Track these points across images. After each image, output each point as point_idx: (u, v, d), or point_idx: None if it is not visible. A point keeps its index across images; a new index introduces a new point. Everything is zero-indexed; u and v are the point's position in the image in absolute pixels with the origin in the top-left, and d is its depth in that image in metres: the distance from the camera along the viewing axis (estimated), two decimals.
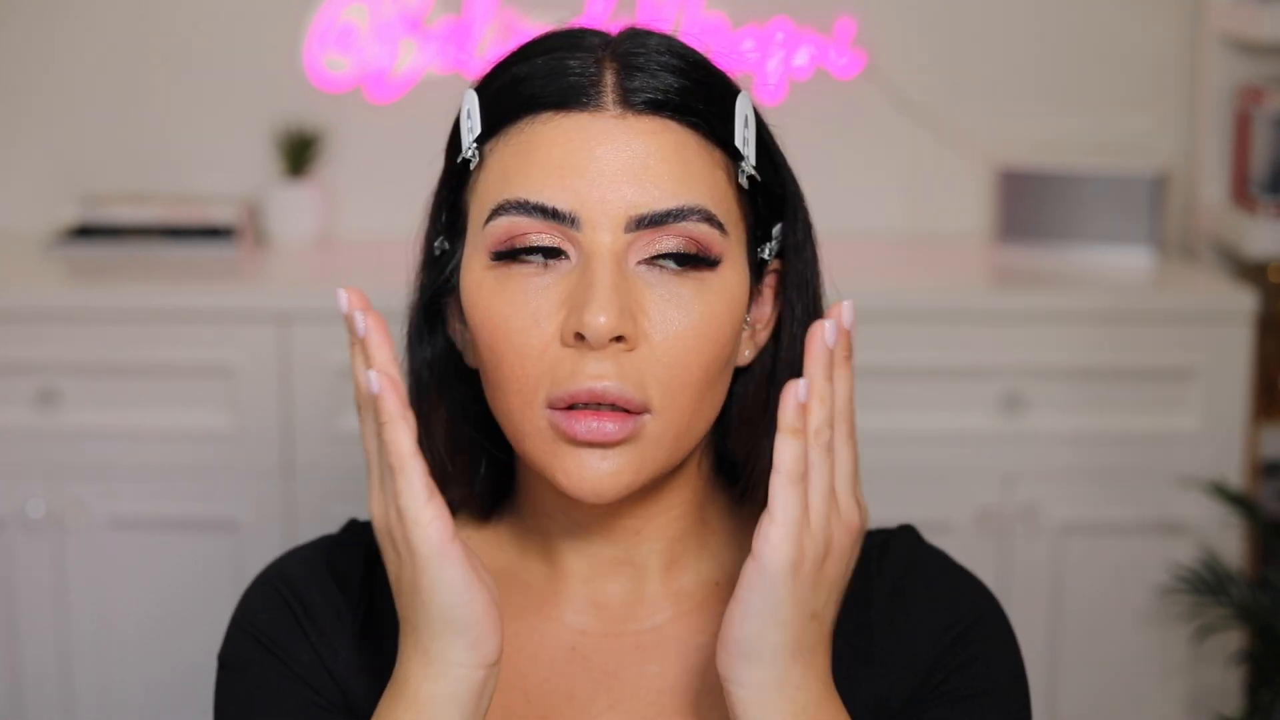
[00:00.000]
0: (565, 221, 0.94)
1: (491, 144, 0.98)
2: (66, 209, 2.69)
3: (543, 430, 0.96)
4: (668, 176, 0.95)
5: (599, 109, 0.96)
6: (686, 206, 0.95)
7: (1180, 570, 2.30)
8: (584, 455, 0.95)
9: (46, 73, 2.76)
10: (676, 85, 0.97)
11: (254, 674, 1.05)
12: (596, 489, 0.96)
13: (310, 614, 1.06)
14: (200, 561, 2.38)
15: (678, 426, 0.97)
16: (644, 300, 0.95)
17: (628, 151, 0.95)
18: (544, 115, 0.96)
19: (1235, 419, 2.36)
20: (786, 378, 1.04)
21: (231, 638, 1.08)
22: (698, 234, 0.96)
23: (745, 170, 0.99)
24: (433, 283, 1.04)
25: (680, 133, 0.97)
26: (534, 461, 0.98)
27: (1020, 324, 2.36)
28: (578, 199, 0.94)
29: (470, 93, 1.01)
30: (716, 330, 0.97)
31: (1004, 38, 2.76)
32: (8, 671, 2.41)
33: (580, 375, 0.94)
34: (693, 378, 0.96)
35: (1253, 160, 2.52)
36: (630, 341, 0.94)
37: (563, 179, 0.95)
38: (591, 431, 0.94)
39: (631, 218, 0.94)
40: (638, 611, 1.05)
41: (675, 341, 0.95)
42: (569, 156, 0.95)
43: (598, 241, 0.94)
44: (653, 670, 1.04)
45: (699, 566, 1.07)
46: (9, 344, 2.37)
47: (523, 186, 0.95)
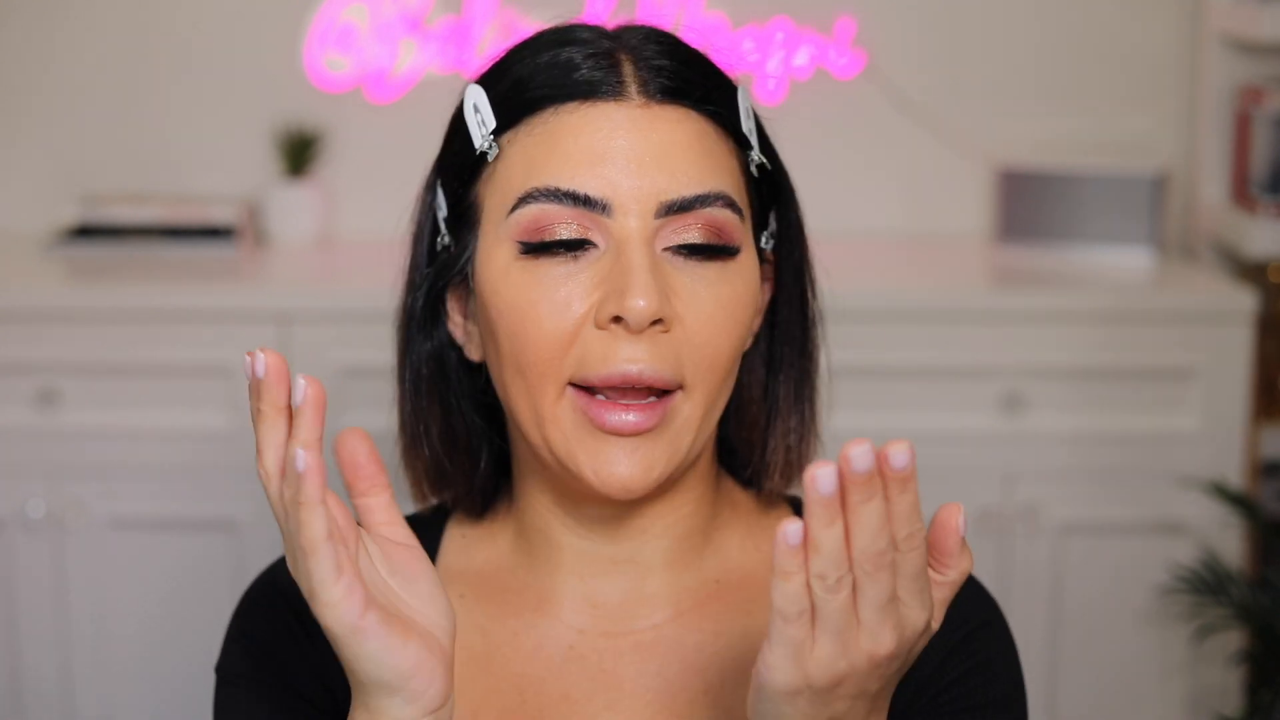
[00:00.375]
0: (596, 208, 0.95)
1: (510, 135, 0.99)
2: (66, 209, 2.69)
3: (567, 416, 0.96)
4: (692, 164, 0.97)
5: (623, 98, 0.97)
6: (711, 192, 0.97)
7: (1180, 570, 2.30)
8: (613, 450, 0.96)
9: (46, 73, 2.76)
10: (690, 74, 0.99)
11: (251, 687, 1.06)
12: (627, 485, 0.96)
13: (303, 621, 1.05)
14: (200, 561, 2.38)
15: (706, 405, 0.98)
16: (674, 283, 0.96)
17: (655, 138, 0.96)
18: (569, 105, 0.97)
19: (1235, 419, 2.36)
20: (785, 364, 1.07)
21: (228, 650, 1.08)
22: (721, 219, 0.97)
23: (755, 159, 1.01)
24: (436, 277, 1.04)
25: (699, 121, 0.98)
26: (557, 452, 0.97)
27: (1020, 324, 2.36)
28: (609, 185, 0.95)
29: (475, 87, 1.01)
30: (741, 311, 0.99)
31: (1004, 38, 2.76)
32: (8, 671, 2.41)
33: (613, 358, 0.94)
34: (723, 357, 0.98)
35: (1253, 160, 2.52)
36: (666, 324, 0.95)
37: (593, 166, 0.96)
38: (623, 424, 0.95)
39: (662, 203, 0.96)
40: (637, 611, 1.05)
41: (706, 322, 0.97)
42: (597, 144, 0.96)
43: (629, 227, 0.95)
44: (652, 670, 1.04)
45: (701, 565, 1.07)
46: (9, 344, 2.37)
47: (551, 174, 0.96)
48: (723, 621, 1.05)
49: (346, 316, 2.33)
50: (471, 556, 1.09)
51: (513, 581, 1.07)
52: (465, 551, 1.10)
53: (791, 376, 1.07)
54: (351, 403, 2.33)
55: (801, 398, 1.07)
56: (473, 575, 1.08)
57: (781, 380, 1.07)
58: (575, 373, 0.95)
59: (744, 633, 1.05)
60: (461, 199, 1.02)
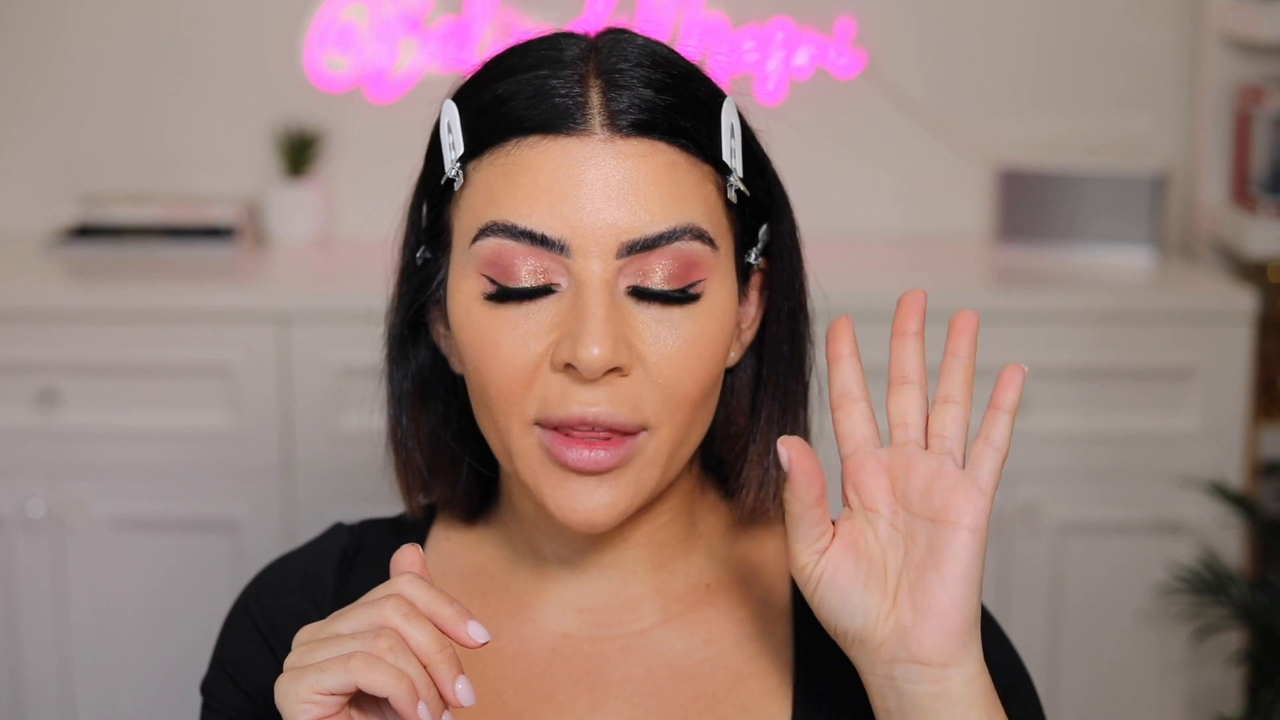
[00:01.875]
0: (554, 249, 0.93)
1: (475, 164, 0.96)
2: (66, 209, 2.69)
3: (533, 449, 0.95)
4: (658, 198, 0.93)
5: (586, 133, 0.93)
6: (678, 227, 0.94)
7: (1180, 570, 2.30)
8: (576, 486, 0.94)
9: (46, 73, 2.76)
10: (663, 103, 0.95)
11: (225, 710, 1.08)
12: (590, 520, 0.95)
13: (277, 631, 1.06)
14: (200, 561, 2.38)
15: (674, 441, 0.96)
16: (635, 323, 0.94)
17: (617, 175, 0.93)
18: (530, 139, 0.94)
19: (1235, 419, 2.36)
20: (770, 384, 1.04)
21: (210, 668, 1.10)
22: (689, 253, 0.94)
23: (733, 185, 0.98)
24: (416, 292, 1.03)
25: (669, 153, 0.94)
26: (524, 482, 0.97)
27: (1020, 324, 2.36)
28: (567, 226, 0.93)
29: (450, 104, 0.99)
30: (708, 348, 0.96)
31: (1004, 38, 2.76)
32: (8, 671, 2.41)
33: (572, 401, 0.93)
34: (689, 395, 0.96)
35: (1253, 160, 2.52)
36: (625, 369, 0.93)
37: (551, 205, 0.93)
38: (584, 460, 0.93)
39: (623, 243, 0.93)
40: (624, 615, 1.04)
41: (669, 363, 0.94)
42: (556, 182, 0.93)
43: (588, 269, 0.93)
44: (639, 674, 1.03)
45: (687, 569, 1.06)
46: (9, 344, 2.37)
47: (510, 210, 0.93)
48: (715, 628, 1.04)
49: (346, 316, 2.33)
50: (455, 559, 1.09)
51: (496, 585, 1.07)
52: (450, 554, 1.09)
53: (776, 397, 1.04)
54: (351, 403, 2.33)
55: (786, 419, 1.04)
56: (455, 578, 1.08)
57: (765, 400, 1.04)
58: (539, 411, 0.94)
59: (737, 641, 1.04)
60: (437, 218, 1.00)
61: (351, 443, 2.31)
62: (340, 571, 1.09)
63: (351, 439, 2.31)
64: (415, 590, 0.87)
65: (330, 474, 2.36)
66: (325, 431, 2.36)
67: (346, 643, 0.85)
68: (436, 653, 0.85)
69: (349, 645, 0.84)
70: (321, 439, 2.36)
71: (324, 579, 1.08)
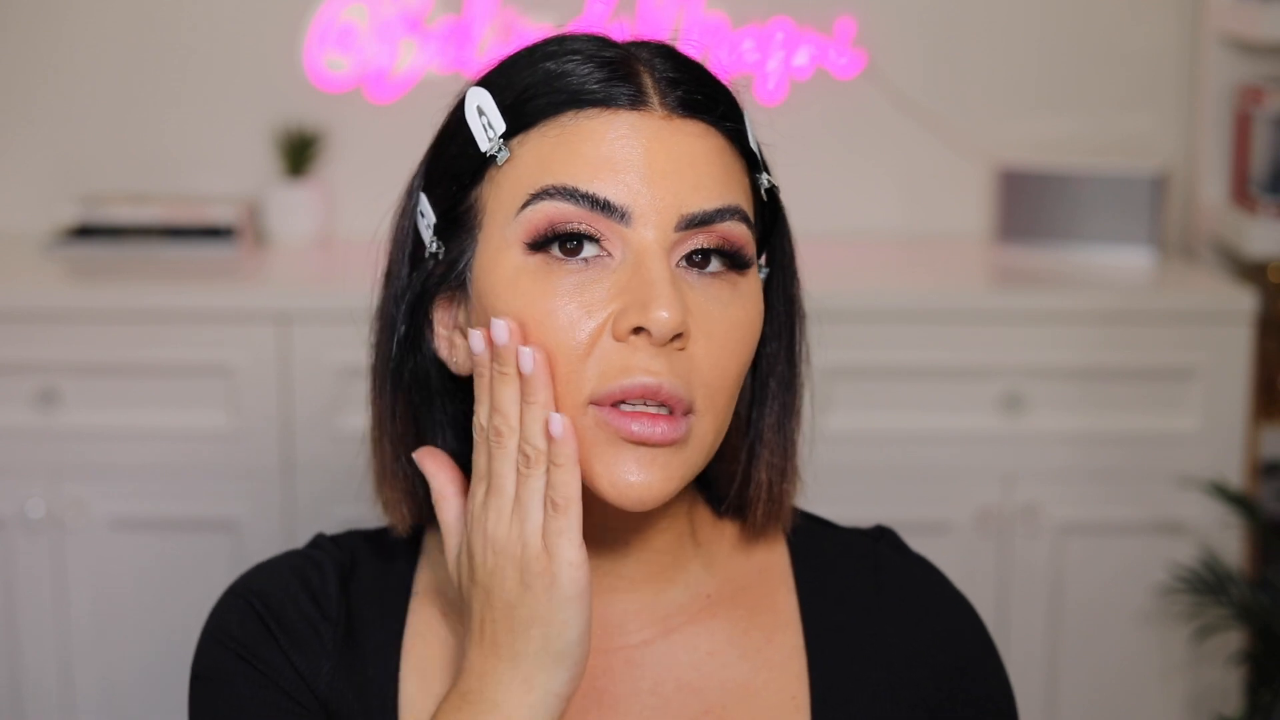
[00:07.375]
0: (614, 215, 0.93)
1: (521, 138, 0.96)
2: (66, 209, 2.69)
3: (587, 428, 0.94)
4: (711, 178, 0.95)
5: (647, 109, 0.95)
6: (729, 206, 0.96)
7: (1180, 570, 2.31)
8: (632, 462, 0.93)
9: (46, 73, 2.76)
10: (711, 91, 0.98)
11: (235, 685, 1.03)
12: (643, 496, 0.94)
13: (286, 629, 1.04)
14: (200, 561, 2.38)
15: (717, 429, 0.97)
16: (689, 302, 0.95)
17: (677, 151, 0.95)
18: (589, 111, 0.95)
19: (1235, 419, 2.36)
20: (769, 397, 1.04)
21: (206, 651, 1.05)
22: (737, 234, 0.96)
23: (765, 182, 1.00)
24: (422, 289, 1.01)
25: (718, 137, 0.97)
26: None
27: (1020, 324, 2.36)
28: (630, 194, 0.93)
29: (478, 89, 0.99)
30: (749, 333, 0.97)
31: (1004, 38, 2.76)
32: (8, 671, 2.41)
33: (634, 369, 0.92)
34: (730, 380, 0.96)
35: (1253, 160, 2.52)
36: (685, 340, 0.94)
37: (615, 173, 0.94)
38: (647, 431, 0.93)
39: (682, 216, 0.94)
40: (625, 626, 1.04)
41: (718, 344, 0.95)
42: (619, 152, 0.94)
43: (647, 238, 0.94)
44: (645, 688, 1.02)
45: (688, 580, 1.05)
46: (9, 344, 2.36)
47: (570, 175, 0.94)
48: (718, 640, 1.04)
49: (346, 316, 2.31)
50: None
51: None
52: (444, 568, 1.07)
53: (774, 410, 1.04)
54: (351, 403, 2.33)
55: (783, 432, 1.04)
56: (452, 592, 1.06)
57: (765, 413, 1.04)
58: (596, 387, 0.93)
59: (742, 653, 1.04)
60: (459, 202, 0.99)
61: (351, 443, 2.29)
62: (341, 580, 1.07)
63: (351, 439, 2.30)
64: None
65: (330, 474, 2.36)
66: (325, 432, 2.36)
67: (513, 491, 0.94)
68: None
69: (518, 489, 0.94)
70: (321, 439, 2.36)
71: (327, 589, 1.06)
